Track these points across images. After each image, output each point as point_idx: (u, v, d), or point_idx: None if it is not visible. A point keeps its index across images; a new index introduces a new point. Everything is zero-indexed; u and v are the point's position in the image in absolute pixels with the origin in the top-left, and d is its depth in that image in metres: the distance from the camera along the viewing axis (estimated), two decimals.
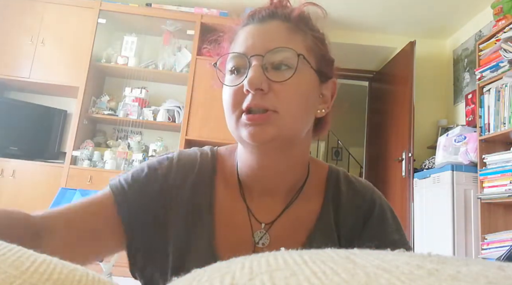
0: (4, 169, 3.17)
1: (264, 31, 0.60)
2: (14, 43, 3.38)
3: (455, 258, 0.21)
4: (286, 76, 0.57)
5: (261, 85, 0.56)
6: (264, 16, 0.62)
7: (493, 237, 2.59)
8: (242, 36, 0.61)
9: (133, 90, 3.53)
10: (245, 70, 0.58)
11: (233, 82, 0.59)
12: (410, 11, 3.61)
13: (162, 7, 3.60)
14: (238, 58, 0.59)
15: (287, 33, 0.60)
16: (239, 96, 0.58)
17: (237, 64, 0.59)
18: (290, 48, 0.58)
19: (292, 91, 0.57)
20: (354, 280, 0.18)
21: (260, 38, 0.59)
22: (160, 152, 3.43)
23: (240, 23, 0.65)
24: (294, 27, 0.61)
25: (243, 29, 0.63)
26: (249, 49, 0.59)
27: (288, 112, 0.57)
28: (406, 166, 3.45)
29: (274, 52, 0.57)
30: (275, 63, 0.58)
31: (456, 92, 3.80)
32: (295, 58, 0.58)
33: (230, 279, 0.20)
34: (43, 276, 0.23)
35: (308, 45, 0.62)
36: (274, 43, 0.58)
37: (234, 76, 0.60)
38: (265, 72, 0.57)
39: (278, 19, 0.61)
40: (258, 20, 0.62)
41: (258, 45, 0.58)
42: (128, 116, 3.45)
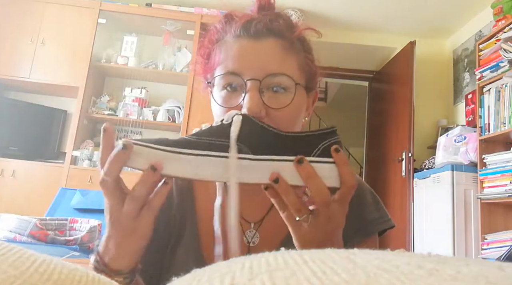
0: (4, 169, 3.17)
1: (261, 50, 0.59)
2: (14, 43, 3.38)
3: (455, 258, 0.21)
4: (283, 101, 0.58)
5: (260, 113, 0.56)
6: (260, 31, 0.60)
7: (493, 237, 2.59)
8: (236, 51, 0.59)
9: (133, 90, 3.53)
10: (239, 89, 0.59)
11: (227, 102, 0.59)
12: (410, 11, 3.61)
13: (162, 7, 3.60)
14: (233, 78, 0.59)
15: (283, 53, 0.60)
16: None
17: (232, 82, 0.59)
18: (289, 76, 0.58)
19: (288, 116, 0.59)
20: (354, 280, 0.18)
21: (257, 59, 0.58)
22: None
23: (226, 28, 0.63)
24: (289, 46, 0.61)
25: (235, 40, 0.61)
26: (245, 70, 0.58)
27: None
28: (406, 166, 3.45)
29: (272, 77, 0.57)
30: (271, 86, 0.58)
31: (456, 92, 3.80)
32: (291, 84, 0.59)
33: (230, 279, 0.20)
34: (43, 276, 0.23)
35: (300, 64, 0.62)
36: (271, 66, 0.58)
37: (227, 92, 0.59)
38: (261, 96, 0.57)
39: (274, 36, 0.60)
40: (253, 34, 0.60)
41: (255, 67, 0.58)
42: (128, 116, 3.45)
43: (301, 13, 3.67)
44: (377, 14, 3.73)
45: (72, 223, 2.05)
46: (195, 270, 0.23)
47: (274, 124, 0.57)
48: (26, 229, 1.84)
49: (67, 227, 2.03)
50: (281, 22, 0.62)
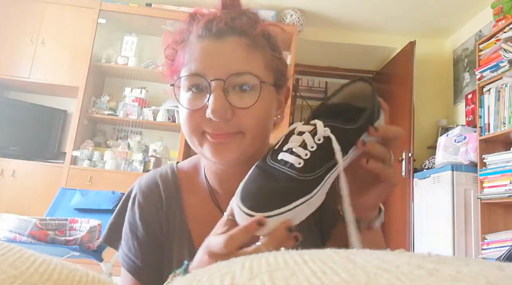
0: (4, 169, 3.17)
1: (223, 49, 0.58)
2: (14, 43, 3.38)
3: (455, 258, 0.21)
4: (248, 100, 0.57)
5: (225, 114, 0.56)
6: (222, 30, 0.58)
7: (493, 237, 2.59)
8: (199, 51, 0.58)
9: (133, 90, 3.53)
10: (203, 90, 0.58)
11: (192, 103, 0.58)
12: (410, 11, 3.61)
13: (162, 7, 3.60)
14: (197, 79, 0.58)
15: (246, 52, 0.58)
16: (199, 117, 0.58)
17: (195, 83, 0.58)
18: (252, 74, 0.57)
19: (255, 115, 0.58)
20: (354, 280, 0.18)
21: (220, 59, 0.57)
22: (160, 152, 3.43)
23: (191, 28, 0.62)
24: (253, 44, 0.59)
25: (198, 40, 0.59)
26: (209, 71, 0.57)
27: (252, 133, 0.58)
28: (406, 166, 3.45)
29: (236, 76, 0.57)
30: (236, 85, 0.57)
31: (456, 92, 3.80)
32: (256, 82, 0.58)
33: (230, 279, 0.20)
34: (43, 276, 0.23)
35: (266, 61, 0.61)
36: (235, 65, 0.57)
37: (192, 94, 0.58)
38: (227, 97, 0.56)
39: (237, 34, 0.59)
40: (215, 34, 0.59)
41: (218, 67, 0.57)
42: (128, 116, 3.45)
43: (301, 13, 3.67)
44: (377, 14, 3.73)
45: (72, 223, 2.05)
46: (195, 270, 0.23)
47: (242, 124, 0.57)
48: (26, 229, 1.84)
49: (67, 227, 2.03)
50: (244, 20, 0.61)
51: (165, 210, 0.70)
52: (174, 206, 0.70)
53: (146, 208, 0.69)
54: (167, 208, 0.70)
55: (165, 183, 0.71)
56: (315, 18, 3.83)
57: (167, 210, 0.70)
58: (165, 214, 0.70)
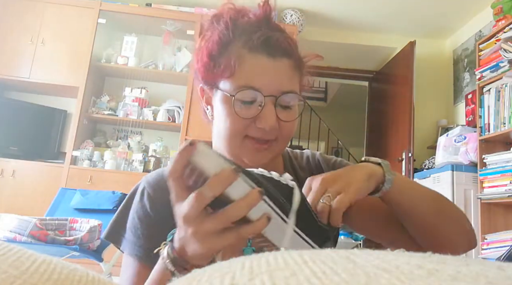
0: (4, 169, 3.17)
1: (277, 69, 0.65)
2: (14, 43, 3.38)
3: (455, 258, 0.21)
4: (292, 116, 0.68)
5: (276, 127, 0.65)
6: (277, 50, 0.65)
7: (493, 237, 2.59)
8: (254, 67, 0.64)
9: (133, 90, 3.53)
10: (255, 102, 0.65)
11: (243, 113, 0.65)
12: (410, 11, 3.61)
13: (162, 7, 3.60)
14: (251, 93, 0.64)
15: (292, 72, 0.67)
16: (245, 124, 0.66)
17: (250, 96, 0.65)
18: (297, 93, 0.67)
19: (293, 127, 0.69)
20: (354, 280, 0.18)
21: (274, 77, 0.65)
22: (160, 152, 3.43)
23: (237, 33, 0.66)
24: (296, 66, 0.68)
25: (253, 55, 0.64)
26: (264, 87, 0.64)
27: (285, 141, 0.70)
28: (406, 166, 3.45)
29: (286, 94, 0.65)
30: (284, 104, 0.67)
31: (456, 92, 3.80)
32: (297, 99, 0.68)
33: (230, 279, 0.20)
34: (43, 276, 0.24)
35: (302, 81, 0.72)
36: (285, 84, 0.66)
37: (243, 105, 0.65)
38: (275, 110, 0.65)
39: (287, 56, 0.67)
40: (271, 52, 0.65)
41: (272, 84, 0.64)
42: (128, 116, 3.45)
43: (301, 13, 3.68)
44: (377, 14, 3.73)
45: (72, 223, 2.05)
46: (195, 270, 0.23)
47: (281, 133, 0.67)
48: (26, 229, 1.84)
49: (67, 227, 2.03)
50: (291, 44, 0.68)
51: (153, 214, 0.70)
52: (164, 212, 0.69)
53: (156, 198, 0.70)
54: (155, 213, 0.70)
55: None
56: (315, 18, 3.83)
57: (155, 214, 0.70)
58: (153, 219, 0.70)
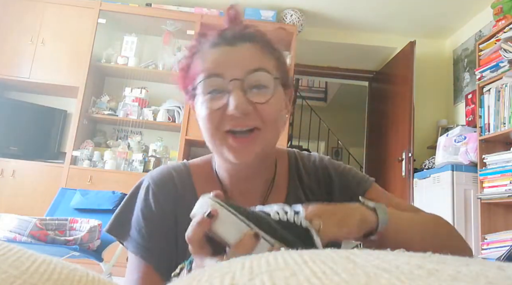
0: (4, 169, 3.17)
1: (238, 52, 0.63)
2: (14, 43, 3.38)
3: (455, 258, 0.21)
4: (266, 96, 0.62)
5: (247, 108, 0.60)
6: (236, 38, 0.64)
7: (493, 237, 2.59)
8: (215, 57, 0.63)
9: (133, 90, 3.53)
10: (222, 92, 0.62)
11: (213, 104, 0.62)
12: (410, 11, 3.61)
13: (162, 7, 3.60)
14: (215, 80, 0.62)
15: (259, 54, 0.64)
16: (220, 117, 0.62)
17: (214, 85, 0.62)
18: (267, 71, 0.63)
19: (272, 109, 0.63)
20: (354, 280, 0.18)
21: (236, 60, 0.62)
22: (160, 152, 3.43)
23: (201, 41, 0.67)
24: (263, 48, 0.65)
25: (213, 48, 0.65)
26: (227, 72, 0.61)
27: (270, 129, 0.64)
28: (406, 166, 3.45)
29: (252, 75, 0.61)
30: (254, 84, 0.62)
31: (456, 92, 3.80)
32: (271, 78, 0.63)
33: (230, 279, 0.20)
34: (43, 276, 0.24)
35: (275, 64, 0.67)
36: (250, 63, 0.62)
37: (211, 96, 0.62)
38: (246, 94, 0.61)
39: (249, 41, 0.65)
40: (229, 41, 0.64)
41: (235, 68, 0.62)
42: (128, 116, 3.45)
43: (301, 13, 3.67)
44: (377, 14, 3.73)
45: (72, 223, 2.05)
46: (195, 270, 0.23)
47: (261, 118, 0.62)
48: (26, 229, 1.84)
49: (67, 227, 2.03)
50: (252, 30, 0.67)
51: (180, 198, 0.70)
52: (189, 197, 0.70)
53: (161, 195, 0.70)
54: (181, 197, 0.70)
55: (178, 174, 0.73)
56: (315, 18, 3.83)
57: (182, 198, 0.70)
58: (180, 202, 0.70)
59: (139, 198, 0.72)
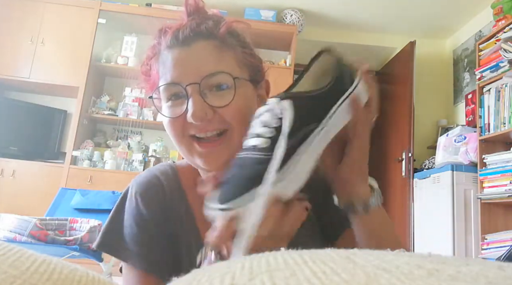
0: (4, 169, 3.17)
1: (193, 54, 0.59)
2: (14, 43, 3.38)
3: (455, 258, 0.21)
4: (226, 98, 0.58)
5: (206, 116, 0.57)
6: (189, 37, 0.60)
7: (493, 237, 2.59)
8: (171, 61, 0.60)
9: (133, 90, 3.53)
10: (182, 97, 0.59)
11: (173, 112, 0.59)
12: (410, 11, 3.61)
13: (162, 7, 3.60)
14: (173, 88, 0.59)
15: (216, 53, 0.60)
16: (181, 124, 0.59)
17: (173, 92, 0.59)
18: (225, 72, 0.58)
19: (235, 110, 0.58)
20: (354, 280, 0.18)
21: (192, 64, 0.59)
22: (160, 152, 3.43)
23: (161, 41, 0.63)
24: (221, 44, 0.61)
25: (169, 51, 0.61)
26: (183, 77, 0.58)
27: (236, 129, 0.59)
28: (406, 166, 3.45)
29: (209, 77, 0.58)
30: (212, 86, 0.58)
31: (456, 92, 3.80)
32: (230, 79, 0.59)
33: (230, 279, 0.20)
34: (43, 276, 0.24)
35: (238, 59, 0.62)
36: (206, 67, 0.58)
37: (172, 102, 0.60)
38: (205, 99, 0.57)
39: (204, 38, 0.60)
40: (183, 41, 0.60)
41: (191, 72, 0.58)
42: (128, 116, 3.45)
43: (301, 13, 3.68)
44: (377, 14, 3.73)
45: (72, 223, 2.05)
46: (195, 270, 0.23)
47: (224, 121, 0.58)
48: (26, 229, 1.84)
49: (67, 227, 2.03)
50: (209, 23, 0.62)
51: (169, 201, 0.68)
52: (178, 200, 0.69)
53: (151, 202, 0.67)
54: (170, 200, 0.68)
55: (166, 178, 0.70)
56: (315, 18, 3.83)
57: (171, 201, 0.68)
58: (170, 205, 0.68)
59: (129, 207, 0.68)
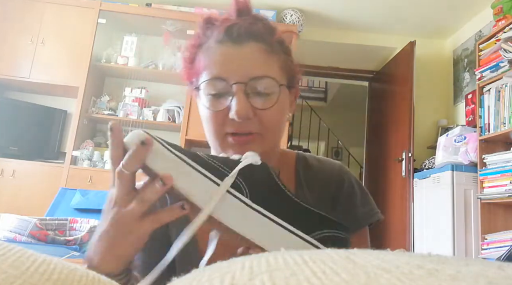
0: (4, 169, 3.17)
1: (244, 54, 0.61)
2: (14, 43, 3.38)
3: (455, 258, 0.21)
4: (269, 102, 0.61)
5: (248, 115, 0.60)
6: (242, 36, 0.62)
7: (493, 237, 2.59)
8: (220, 57, 0.62)
9: (133, 90, 3.53)
10: (225, 94, 0.61)
11: (215, 106, 0.62)
12: (410, 11, 3.61)
13: (162, 7, 3.60)
14: (219, 83, 0.61)
15: (265, 57, 0.62)
16: (221, 118, 0.62)
17: (218, 87, 0.61)
18: (272, 78, 0.61)
19: (274, 115, 0.62)
20: (354, 280, 0.18)
21: (241, 63, 0.61)
22: None
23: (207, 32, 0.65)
24: (270, 49, 0.63)
25: (218, 45, 0.63)
26: (231, 75, 0.60)
27: (271, 134, 0.63)
28: (406, 166, 3.45)
29: (256, 80, 0.60)
30: (257, 90, 0.61)
31: (456, 92, 3.80)
32: (275, 85, 0.62)
33: (230, 279, 0.20)
34: (43, 276, 0.24)
35: (281, 65, 0.65)
36: (255, 69, 0.61)
37: (214, 96, 0.62)
38: (248, 99, 0.60)
39: (256, 40, 0.62)
40: (235, 39, 0.62)
41: (240, 71, 0.60)
42: (128, 116, 3.45)
43: (301, 13, 3.67)
44: (377, 14, 3.73)
45: (72, 223, 2.05)
46: (195, 270, 0.23)
47: (262, 124, 0.61)
48: (26, 229, 1.84)
49: (67, 227, 2.03)
50: (260, 26, 0.64)
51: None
52: None
53: None
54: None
55: None
56: (315, 18, 3.83)
57: None
58: None
59: None
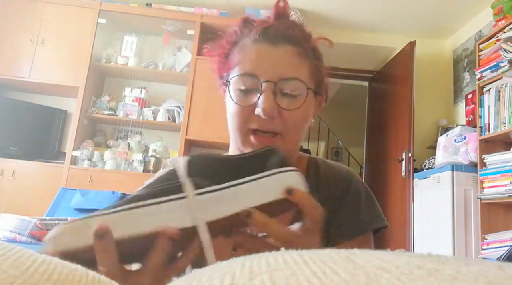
0: (4, 169, 3.17)
1: (277, 55, 0.63)
2: (14, 43, 3.38)
3: (455, 258, 0.21)
4: (295, 104, 0.62)
5: (274, 113, 0.61)
6: (278, 38, 0.64)
7: (493, 237, 2.59)
8: (254, 54, 0.64)
9: (133, 90, 3.53)
10: (254, 91, 0.62)
11: (243, 101, 0.63)
12: (410, 11, 3.61)
13: (162, 7, 3.60)
14: (249, 79, 0.63)
15: (297, 60, 0.64)
16: (247, 114, 0.63)
17: (247, 83, 0.63)
18: (301, 81, 0.63)
19: (298, 118, 0.64)
20: (354, 280, 0.18)
21: (273, 63, 0.63)
22: (160, 152, 3.43)
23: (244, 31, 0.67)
24: (303, 53, 0.65)
25: (254, 44, 0.64)
26: (262, 73, 0.62)
27: (293, 137, 0.65)
28: (406, 166, 3.45)
29: (286, 80, 0.62)
30: (285, 91, 0.62)
31: (456, 92, 3.80)
32: (304, 88, 0.63)
33: (230, 279, 0.20)
34: (43, 276, 0.24)
35: (311, 71, 0.67)
36: (286, 70, 0.62)
37: (242, 92, 0.63)
38: (275, 98, 0.61)
39: (290, 43, 0.64)
40: (271, 40, 0.64)
41: (271, 71, 0.62)
42: (128, 116, 3.45)
43: (301, 13, 3.67)
44: (377, 14, 3.73)
45: None
46: (195, 270, 0.23)
47: (285, 125, 0.62)
48: (26, 229, 1.84)
49: None
50: (297, 31, 0.66)
51: None
52: None
53: None
54: None
55: None
56: (315, 18, 3.83)
57: None
58: None
59: None
